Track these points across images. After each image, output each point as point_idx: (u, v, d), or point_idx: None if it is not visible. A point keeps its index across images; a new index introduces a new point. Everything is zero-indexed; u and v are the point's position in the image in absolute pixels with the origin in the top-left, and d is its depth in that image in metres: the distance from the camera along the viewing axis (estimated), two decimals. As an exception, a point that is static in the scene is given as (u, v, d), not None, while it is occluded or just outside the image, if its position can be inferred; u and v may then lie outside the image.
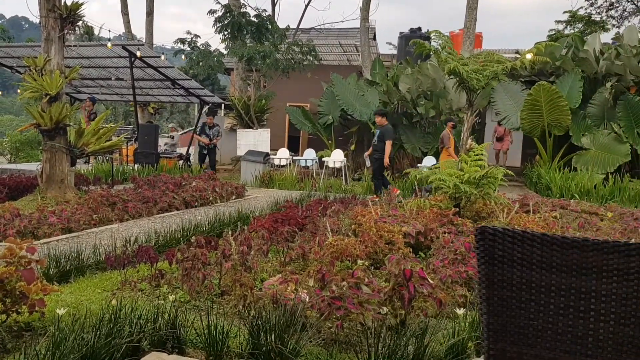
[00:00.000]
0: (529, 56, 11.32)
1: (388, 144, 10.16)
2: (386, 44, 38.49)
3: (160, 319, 3.09)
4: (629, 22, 24.35)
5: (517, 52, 14.95)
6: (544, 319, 1.78)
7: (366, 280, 3.95)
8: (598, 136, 12.59)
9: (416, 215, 6.87)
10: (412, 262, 4.73)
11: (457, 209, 7.13)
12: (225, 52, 17.61)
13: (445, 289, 4.18)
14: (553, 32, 24.96)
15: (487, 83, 9.06)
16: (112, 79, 17.31)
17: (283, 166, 15.44)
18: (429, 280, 3.83)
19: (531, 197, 8.64)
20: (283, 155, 16.14)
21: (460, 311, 3.52)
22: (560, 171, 11.99)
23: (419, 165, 13.30)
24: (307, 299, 3.54)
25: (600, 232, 6.92)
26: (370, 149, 10.89)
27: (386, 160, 10.22)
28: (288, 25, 19.13)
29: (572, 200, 9.16)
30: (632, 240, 6.31)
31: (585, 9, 25.10)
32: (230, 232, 5.21)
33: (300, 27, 22.12)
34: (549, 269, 1.79)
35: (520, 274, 1.79)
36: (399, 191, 9.45)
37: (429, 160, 13.42)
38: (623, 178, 11.30)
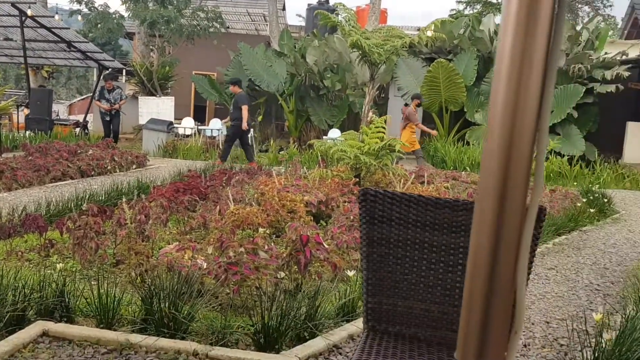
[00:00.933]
0: (429, 33, 11.75)
1: (244, 109, 10.49)
2: (296, 15, 38.30)
3: (47, 288, 2.98)
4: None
5: (418, 29, 15.46)
6: (417, 273, 1.93)
7: (266, 247, 4.02)
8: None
9: (319, 185, 7.01)
10: (311, 229, 4.86)
11: (358, 179, 7.36)
12: (126, 14, 16.73)
13: (341, 254, 4.35)
14: (454, 12, 26.00)
15: (388, 58, 9.34)
16: (1, 39, 15.93)
17: (188, 136, 15.06)
18: (325, 245, 3.96)
19: (426, 169, 9.08)
20: (188, 124, 15.74)
21: (351, 273, 3.69)
22: (454, 145, 12.67)
23: (324, 137, 13.49)
24: (204, 266, 3.56)
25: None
26: (228, 117, 11.33)
27: (244, 125, 10.59)
28: (194, -10, 18.47)
29: (463, 172, 9.73)
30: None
31: (483, -10, 26.39)
32: (126, 201, 5.06)
33: (207, -8, 21.42)
34: (423, 227, 1.93)
35: (397, 232, 1.92)
36: (256, 165, 9.80)
37: (334, 133, 13.65)
38: (511, 152, 12.14)
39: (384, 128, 7.57)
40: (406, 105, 11.59)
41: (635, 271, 4.75)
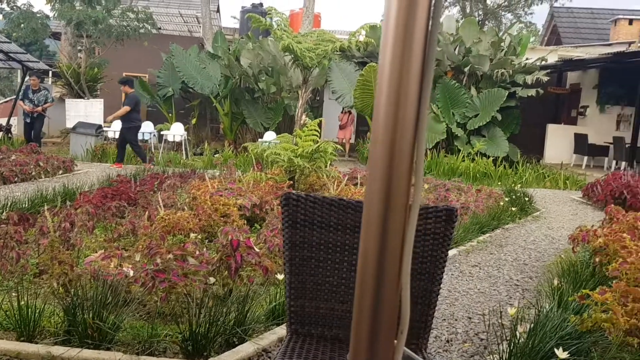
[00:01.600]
0: (360, 37, 11.97)
1: (123, 109, 10.79)
2: (231, 17, 37.94)
3: (-39, 302, 2.84)
4: (449, 11, 26.83)
5: (352, 34, 15.69)
6: (339, 275, 1.99)
7: (197, 252, 3.99)
8: (421, 115, 13.81)
9: (253, 188, 7.00)
10: (244, 233, 4.86)
11: (292, 182, 7.41)
12: (51, 14, 16.04)
13: (273, 257, 4.37)
14: (387, 17, 26.54)
15: (320, 61, 9.46)
16: None
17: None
18: (256, 249, 3.98)
19: (360, 171, 9.25)
20: (118, 127, 15.26)
21: (281, 276, 3.72)
22: (388, 147, 12.95)
23: (260, 140, 13.47)
24: (131, 274, 3.49)
25: (417, 202, 7.67)
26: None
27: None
28: (123, -10, 17.94)
29: (396, 174, 9.98)
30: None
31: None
32: (50, 209, 4.88)
33: (137, -8, 20.86)
34: (344, 230, 1.99)
35: (319, 235, 1.98)
36: (121, 166, 9.97)
37: (269, 135, 13.65)
38: (439, 154, 12.60)
39: (317, 131, 7.66)
40: (343, 112, 11.90)
41: (552, 266, 5.05)
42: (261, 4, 18.65)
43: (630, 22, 19.46)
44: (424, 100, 0.76)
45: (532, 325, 3.06)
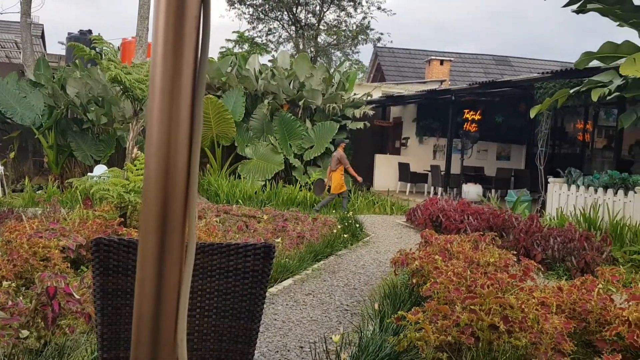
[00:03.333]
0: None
1: None
2: (58, 43, 35.41)
3: None
4: (283, 47, 27.93)
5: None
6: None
7: (10, 302, 3.62)
8: (259, 147, 14.08)
9: (79, 227, 6.55)
10: (63, 279, 4.50)
11: (123, 219, 7.05)
12: None
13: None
14: (224, 50, 26.81)
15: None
16: None
17: None
18: (77, 296, 3.71)
19: (199, 204, 9.12)
20: None
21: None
22: (227, 179, 12.98)
23: (89, 174, 12.62)
24: None
25: (256, 232, 7.75)
26: None
27: None
28: None
29: (234, 205, 10.01)
30: (279, 239, 7.29)
31: (249, 31, 27.76)
32: None
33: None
34: (161, 274, 1.96)
35: (133, 282, 1.92)
36: None
37: (100, 169, 12.85)
38: (278, 184, 12.93)
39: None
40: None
41: (378, 289, 5.41)
42: (90, 31, 17.69)
43: (442, 62, 21.92)
44: (196, 137, 0.78)
45: (357, 348, 3.25)
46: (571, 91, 6.73)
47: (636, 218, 8.15)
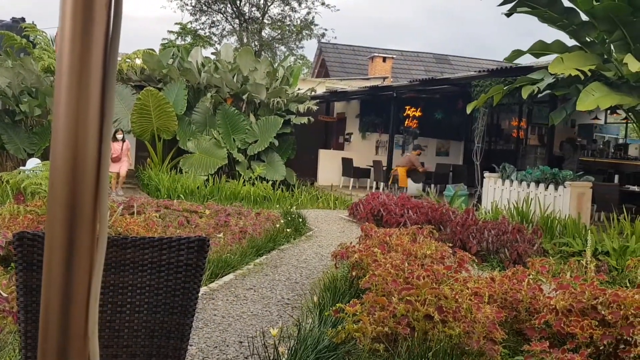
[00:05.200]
0: (138, 61, 11.60)
1: None
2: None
3: None
4: (227, 40, 27.56)
5: (128, 56, 15.13)
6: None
7: None
8: (201, 141, 13.86)
9: (9, 223, 6.29)
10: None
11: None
12: None
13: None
14: (166, 42, 26.19)
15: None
16: None
17: None
18: (4, 294, 3.56)
19: (138, 199, 8.90)
20: None
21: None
22: (168, 173, 12.71)
23: (21, 167, 12.06)
24: None
25: (197, 228, 7.64)
26: None
27: None
28: None
29: (175, 200, 9.82)
30: (221, 234, 7.22)
31: (191, 23, 27.25)
32: None
33: None
34: (108, 269, 1.90)
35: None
36: None
37: (33, 162, 12.29)
38: (221, 179, 12.78)
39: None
40: (115, 138, 11.60)
41: (319, 282, 5.45)
42: (23, 19, 16.84)
43: (384, 59, 22.25)
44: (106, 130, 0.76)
45: (295, 342, 3.26)
46: (505, 88, 6.99)
47: (565, 211, 8.57)
